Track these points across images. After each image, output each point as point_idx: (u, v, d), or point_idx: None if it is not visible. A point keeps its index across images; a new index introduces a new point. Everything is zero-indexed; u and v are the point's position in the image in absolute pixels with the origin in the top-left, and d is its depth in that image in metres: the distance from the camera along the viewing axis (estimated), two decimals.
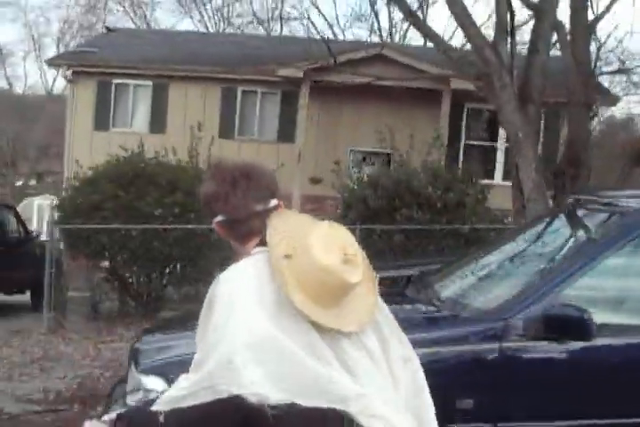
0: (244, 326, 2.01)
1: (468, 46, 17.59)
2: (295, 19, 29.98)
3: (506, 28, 11.51)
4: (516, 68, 11.67)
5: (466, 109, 17.77)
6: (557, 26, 12.40)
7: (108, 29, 20.97)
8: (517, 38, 11.99)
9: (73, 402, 6.23)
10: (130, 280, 10.58)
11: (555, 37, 12.85)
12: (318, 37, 15.82)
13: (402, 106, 17.11)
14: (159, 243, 9.66)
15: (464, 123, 17.75)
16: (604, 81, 16.40)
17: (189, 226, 9.59)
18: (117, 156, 10.62)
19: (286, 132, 18.10)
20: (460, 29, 12.22)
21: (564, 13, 12.46)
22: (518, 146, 11.46)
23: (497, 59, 11.20)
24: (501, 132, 17.73)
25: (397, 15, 54.93)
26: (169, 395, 2.07)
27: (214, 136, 13.52)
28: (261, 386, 1.99)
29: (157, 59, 18.03)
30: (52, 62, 19.72)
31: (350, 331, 2.05)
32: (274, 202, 2.21)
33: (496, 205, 11.86)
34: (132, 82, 18.09)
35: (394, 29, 32.77)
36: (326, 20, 25.57)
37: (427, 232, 9.06)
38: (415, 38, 28.97)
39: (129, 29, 26.98)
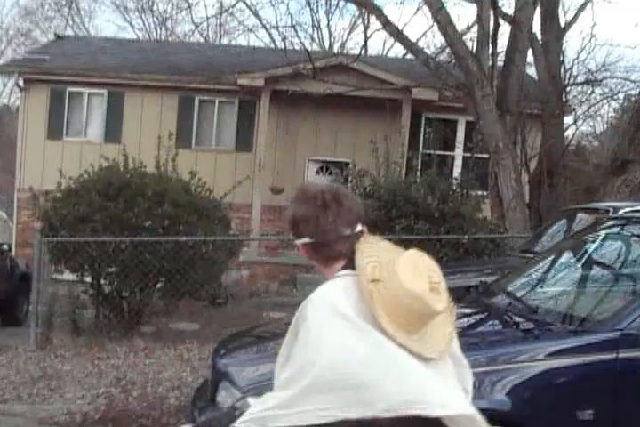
0: (338, 346, 1.99)
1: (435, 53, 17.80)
2: (250, 29, 30.06)
3: (488, 38, 11.67)
4: (495, 78, 11.85)
5: (424, 119, 17.92)
6: (532, 38, 12.66)
7: (58, 37, 20.39)
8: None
9: (105, 423, 5.98)
10: (114, 294, 10.26)
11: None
12: (272, 46, 15.63)
13: (362, 115, 17.18)
14: (151, 255, 9.40)
15: (422, 132, 17.88)
16: (575, 93, 16.75)
17: (183, 238, 9.36)
18: (100, 165, 10.33)
19: (244, 142, 17.94)
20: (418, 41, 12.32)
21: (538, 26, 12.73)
22: (498, 156, 11.63)
23: (479, 69, 11.35)
24: (458, 142, 17.98)
25: (338, 25, 55.09)
26: (256, 413, 2.05)
27: (172, 145, 13.25)
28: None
29: (112, 67, 17.62)
30: (1, 70, 19.08)
31: (432, 357, 2.08)
32: (359, 226, 2.25)
33: None
34: (86, 90, 17.61)
35: (333, 39, 32.98)
36: (267, 30, 25.58)
37: (426, 242, 9.06)
38: (356, 48, 29.05)
39: (79, 37, 26.35)
